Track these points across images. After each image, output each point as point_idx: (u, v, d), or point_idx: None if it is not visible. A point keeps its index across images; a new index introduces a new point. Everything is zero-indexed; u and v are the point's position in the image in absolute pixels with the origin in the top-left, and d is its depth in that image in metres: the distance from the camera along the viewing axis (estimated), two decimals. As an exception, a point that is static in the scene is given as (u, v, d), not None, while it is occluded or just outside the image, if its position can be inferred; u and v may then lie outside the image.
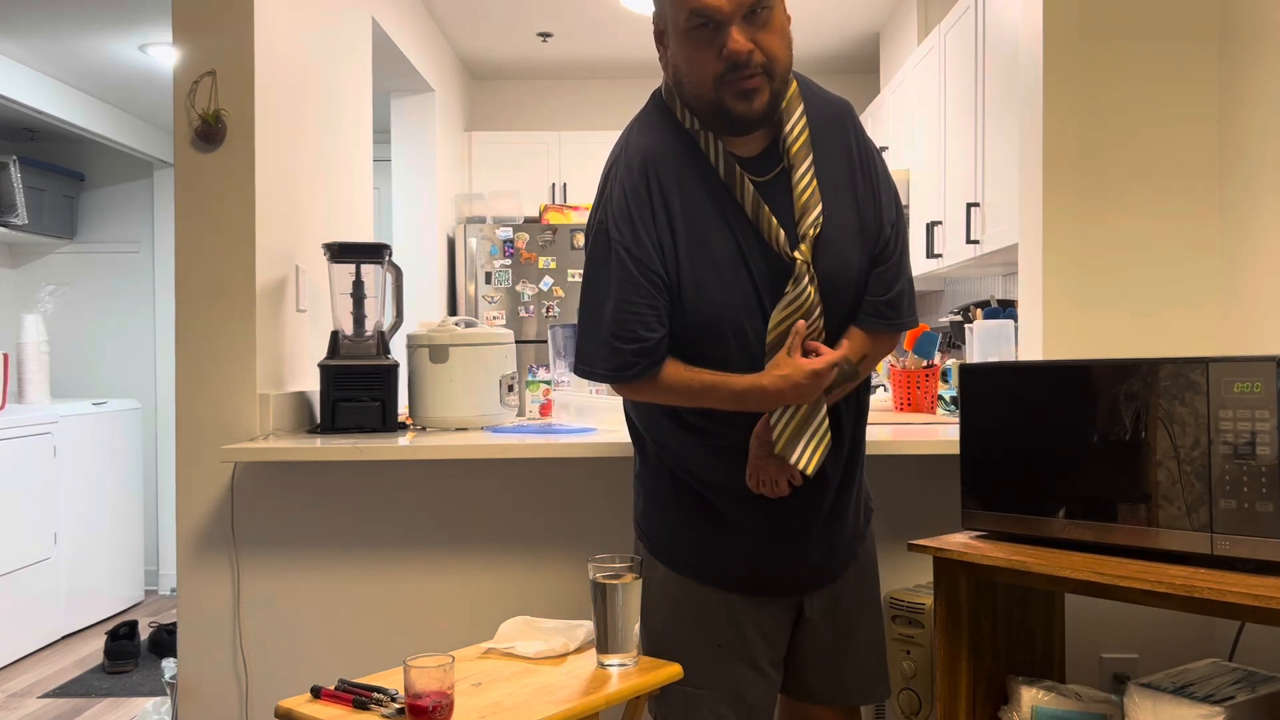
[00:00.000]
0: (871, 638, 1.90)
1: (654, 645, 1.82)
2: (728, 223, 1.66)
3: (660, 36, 1.69)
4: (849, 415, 1.78)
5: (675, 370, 1.66)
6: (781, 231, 1.64)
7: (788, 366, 1.61)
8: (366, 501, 2.43)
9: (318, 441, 2.31)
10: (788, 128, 1.68)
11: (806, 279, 1.63)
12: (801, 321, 1.63)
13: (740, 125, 1.64)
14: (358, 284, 2.54)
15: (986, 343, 2.88)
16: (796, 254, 1.63)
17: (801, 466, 1.66)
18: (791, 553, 1.78)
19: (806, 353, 1.64)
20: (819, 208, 1.65)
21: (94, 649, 4.51)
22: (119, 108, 5.18)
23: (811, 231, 1.64)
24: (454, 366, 2.48)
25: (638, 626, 1.80)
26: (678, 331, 1.67)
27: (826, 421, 1.68)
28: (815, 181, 1.67)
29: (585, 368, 1.72)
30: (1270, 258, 2.24)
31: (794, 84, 1.70)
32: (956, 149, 3.74)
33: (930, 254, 4.08)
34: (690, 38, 1.60)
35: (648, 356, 1.65)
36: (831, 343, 1.68)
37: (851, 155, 1.72)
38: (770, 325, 1.64)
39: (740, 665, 1.79)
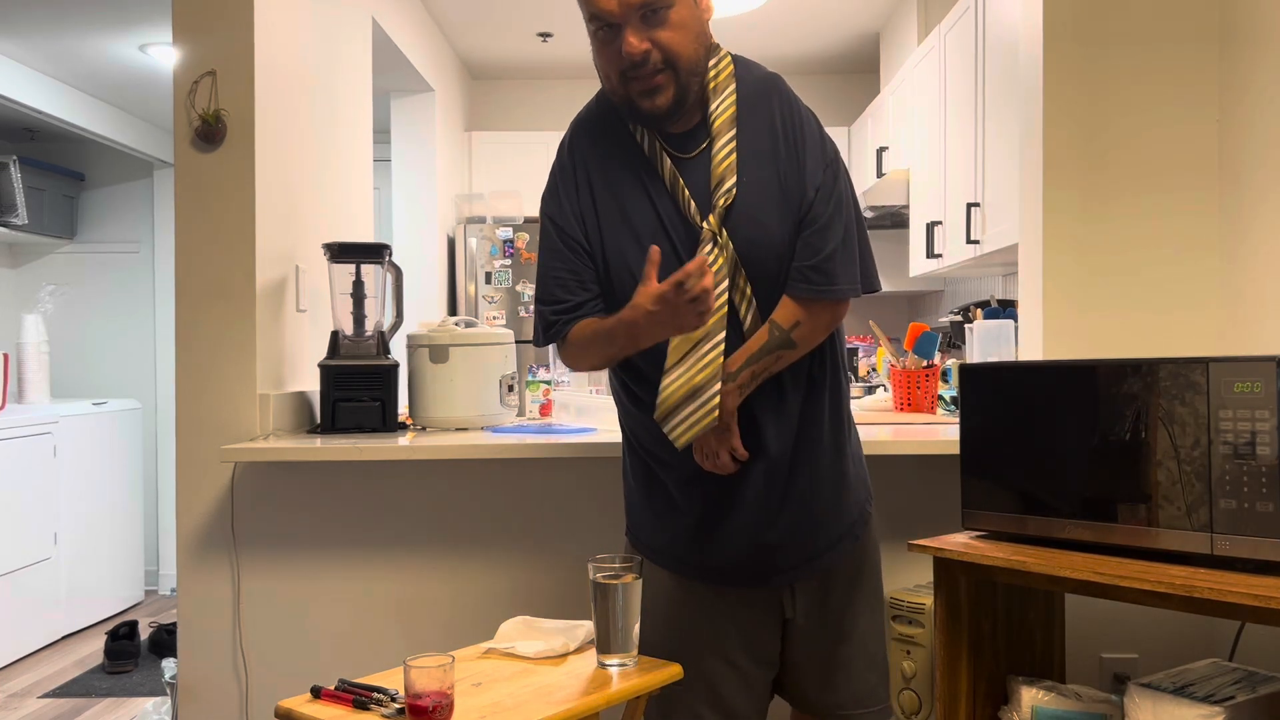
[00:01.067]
0: (867, 645, 1.86)
1: (641, 639, 1.80)
2: (649, 195, 1.72)
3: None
4: (795, 387, 1.73)
5: (580, 325, 1.73)
6: (693, 202, 1.69)
7: (638, 295, 1.61)
8: (366, 501, 2.43)
9: (318, 441, 2.31)
10: (713, 105, 1.73)
11: (712, 245, 1.65)
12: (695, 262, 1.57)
13: (649, 119, 1.71)
14: (358, 284, 2.54)
15: (986, 343, 2.88)
16: (704, 223, 1.67)
17: (673, 438, 1.66)
18: (744, 536, 1.74)
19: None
20: (733, 179, 1.68)
21: (94, 649, 4.51)
22: (119, 108, 5.18)
23: (722, 201, 1.67)
24: (454, 366, 2.48)
25: (638, 626, 1.80)
26: (607, 299, 1.74)
27: (716, 400, 1.65)
28: (734, 156, 1.70)
29: (533, 337, 1.83)
30: (1270, 257, 2.24)
31: (728, 64, 1.75)
32: (956, 149, 3.74)
33: (930, 254, 4.08)
34: (595, 38, 1.70)
35: (565, 314, 1.73)
36: (765, 314, 1.70)
37: (775, 124, 1.73)
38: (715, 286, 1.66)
39: (714, 659, 1.78)
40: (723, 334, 1.66)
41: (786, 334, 1.68)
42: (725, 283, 1.66)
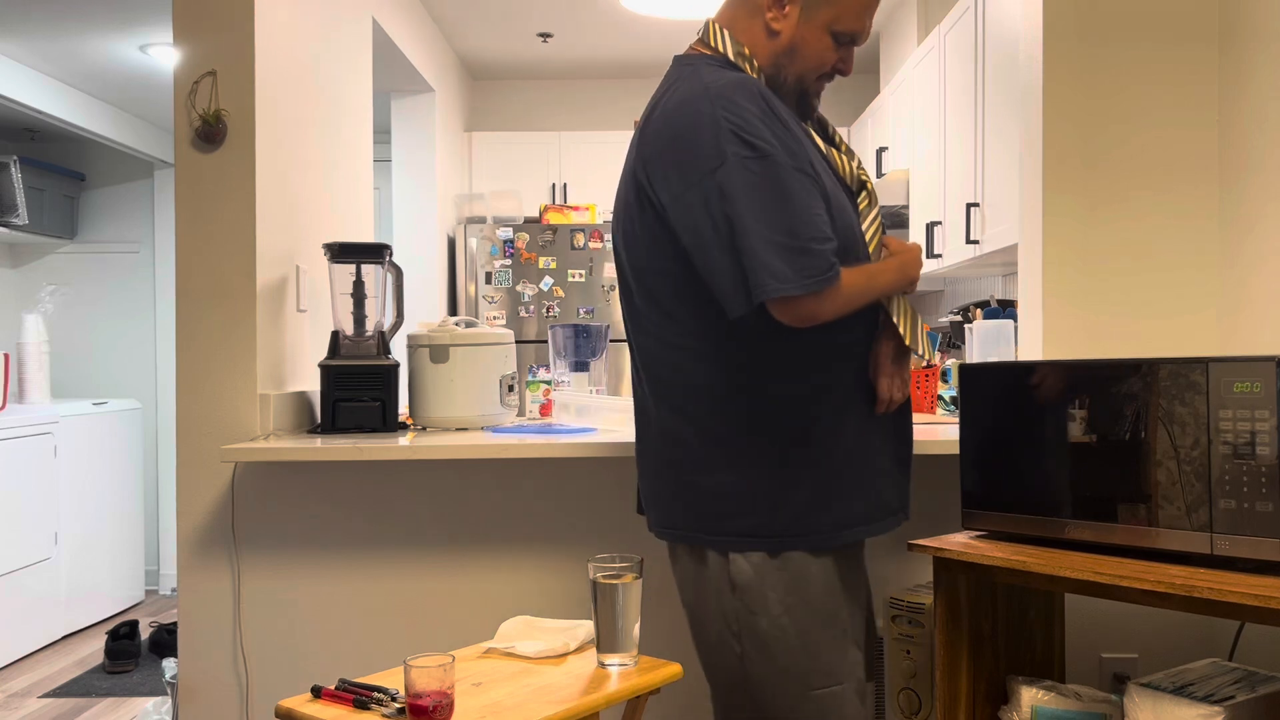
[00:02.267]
0: None
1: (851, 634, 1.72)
2: (822, 155, 1.75)
3: (783, 1, 1.72)
4: None
5: (844, 272, 1.62)
6: (850, 163, 1.78)
7: (909, 251, 1.73)
8: (366, 501, 2.43)
9: (318, 441, 2.31)
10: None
11: (870, 200, 1.78)
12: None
13: (805, 117, 1.80)
14: (358, 284, 2.54)
15: (986, 343, 2.88)
16: (864, 177, 1.79)
17: (925, 356, 1.77)
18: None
19: None
20: (857, 160, 1.82)
21: (94, 649, 4.51)
22: (119, 108, 5.18)
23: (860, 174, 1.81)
24: (454, 366, 2.49)
25: (638, 626, 1.80)
26: None
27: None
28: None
29: (776, 284, 1.56)
30: (1270, 257, 2.24)
31: None
32: (956, 149, 3.74)
33: (930, 254, 4.08)
34: (834, 37, 1.74)
35: (836, 255, 1.60)
36: None
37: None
38: (868, 239, 1.74)
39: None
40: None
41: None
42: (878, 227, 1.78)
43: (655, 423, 1.76)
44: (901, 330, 1.70)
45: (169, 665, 2.77)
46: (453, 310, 5.44)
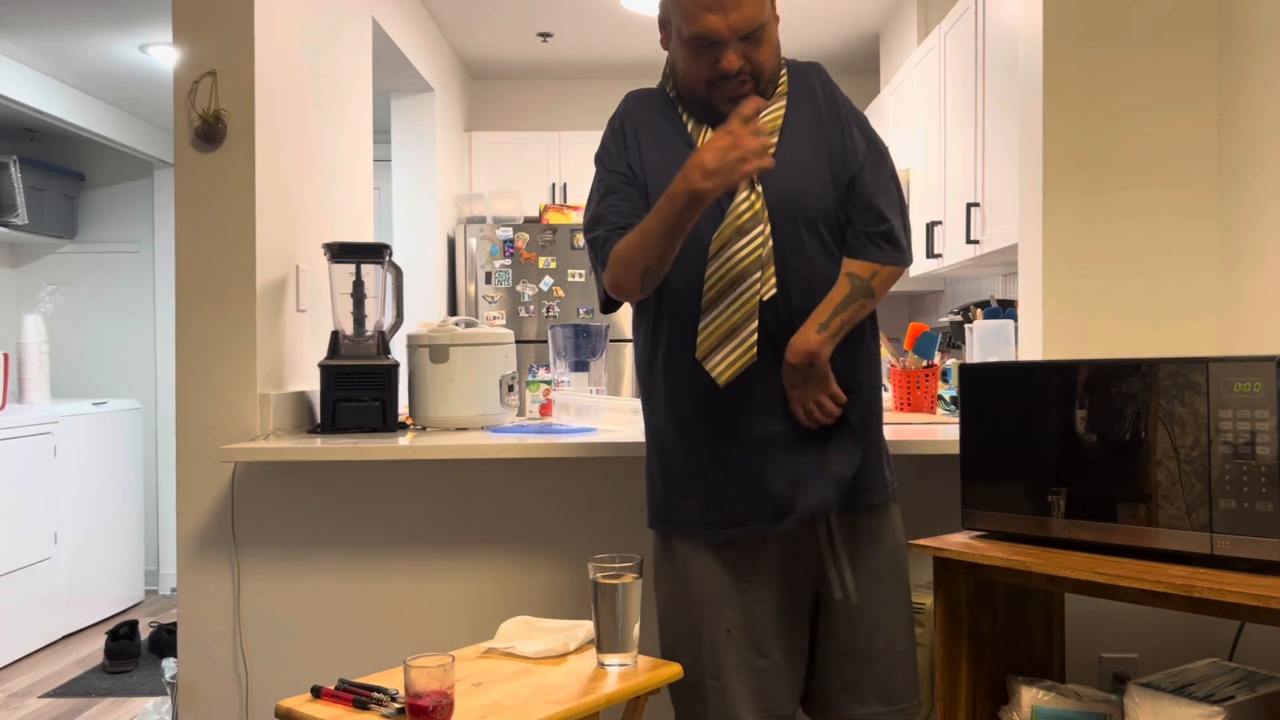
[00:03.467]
0: None
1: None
2: (689, 152, 1.75)
3: (664, 25, 1.83)
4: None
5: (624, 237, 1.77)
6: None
7: (691, 158, 1.64)
8: (366, 501, 2.43)
9: (318, 441, 2.31)
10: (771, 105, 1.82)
11: (749, 190, 1.73)
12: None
13: (718, 122, 1.77)
14: (358, 284, 2.54)
15: (986, 343, 2.88)
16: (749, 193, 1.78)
17: (715, 375, 1.73)
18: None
19: None
20: (775, 139, 1.77)
21: (94, 649, 4.51)
22: (119, 108, 5.18)
23: None
24: (454, 366, 2.49)
25: (637, 626, 1.80)
26: None
27: (755, 337, 1.73)
28: (781, 120, 1.81)
29: (599, 283, 1.85)
30: (1270, 257, 2.24)
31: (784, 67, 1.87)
32: (956, 149, 3.74)
33: (930, 254, 4.08)
34: (689, 45, 1.75)
35: (616, 231, 1.77)
36: (784, 263, 1.76)
37: (817, 95, 1.86)
38: (715, 234, 1.74)
39: None
40: (757, 274, 1.72)
41: (867, 283, 1.78)
42: (760, 228, 1.73)
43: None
44: (699, 340, 1.75)
45: (169, 665, 2.77)
46: (453, 310, 5.44)
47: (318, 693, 1.68)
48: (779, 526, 1.76)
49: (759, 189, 1.74)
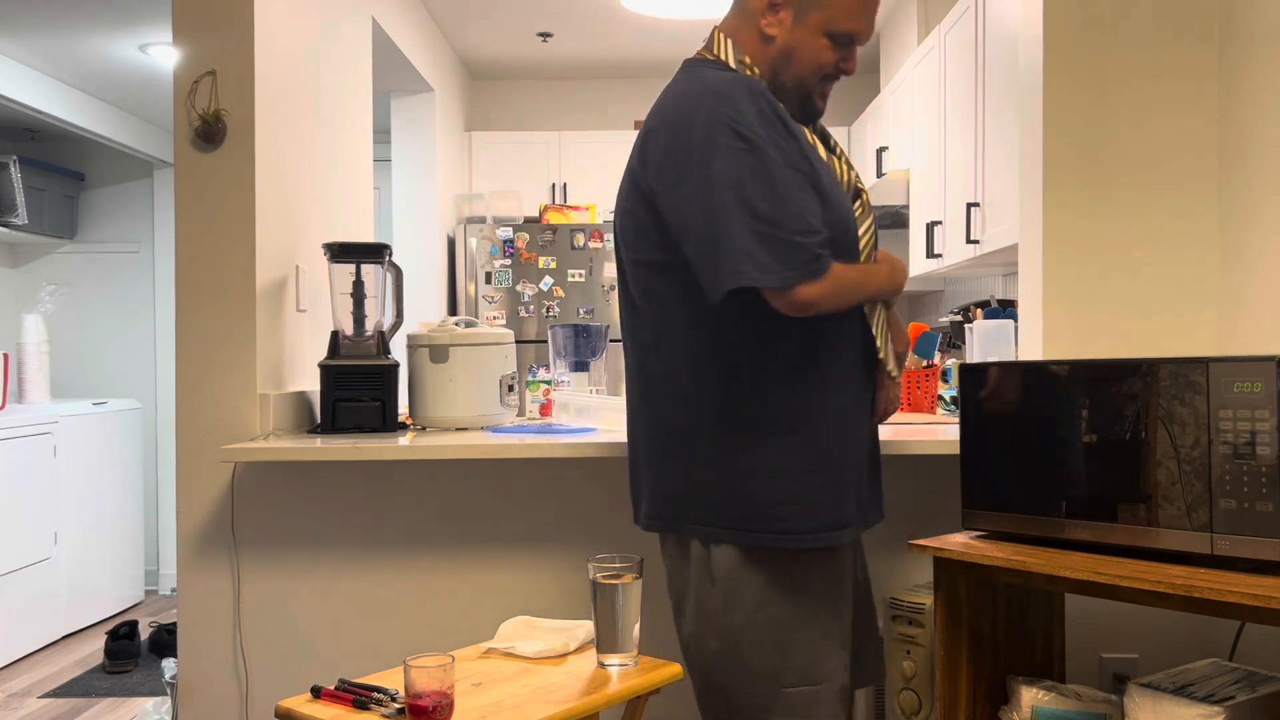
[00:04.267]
0: None
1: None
2: (822, 157, 1.78)
3: (780, 6, 1.73)
4: None
5: (837, 265, 1.66)
6: (850, 171, 1.84)
7: (895, 260, 1.80)
8: (366, 501, 2.43)
9: (318, 441, 2.31)
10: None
11: (866, 208, 1.82)
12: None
13: (812, 118, 1.81)
14: (358, 284, 2.54)
15: (986, 343, 2.88)
16: (860, 186, 1.83)
17: (893, 373, 1.83)
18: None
19: None
20: (855, 171, 1.88)
21: (94, 649, 4.51)
22: (119, 108, 5.18)
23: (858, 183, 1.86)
24: (454, 366, 2.49)
25: (637, 626, 1.80)
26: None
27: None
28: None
29: (757, 273, 1.59)
30: (1270, 257, 2.24)
31: None
32: (956, 149, 3.74)
33: (930, 254, 4.08)
34: (831, 38, 1.74)
35: (824, 247, 1.63)
36: None
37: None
38: (861, 245, 1.78)
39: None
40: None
41: None
42: (869, 221, 1.83)
43: (647, 413, 1.79)
44: (878, 344, 1.79)
45: (169, 665, 2.77)
46: (452, 310, 5.44)
47: (318, 693, 1.68)
48: (877, 518, 1.86)
49: (869, 205, 1.83)
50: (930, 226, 4.05)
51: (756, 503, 1.68)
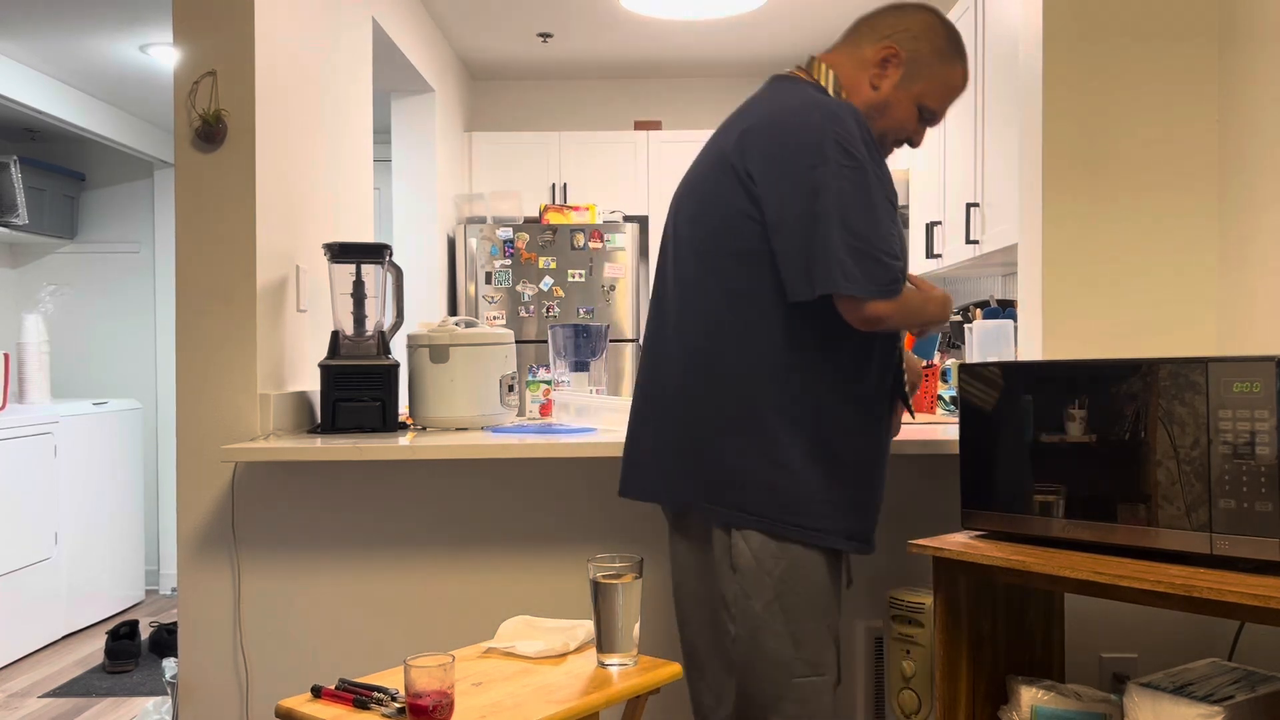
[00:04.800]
0: None
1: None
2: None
3: (894, 62, 1.86)
4: None
5: (907, 291, 1.81)
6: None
7: (945, 292, 1.92)
8: (366, 501, 2.43)
9: (318, 441, 2.31)
10: None
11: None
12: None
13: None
14: (358, 284, 2.54)
15: (986, 343, 2.88)
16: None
17: (907, 399, 1.97)
18: None
19: None
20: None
21: (94, 649, 4.51)
22: (119, 108, 5.18)
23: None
24: (454, 366, 2.49)
25: (637, 626, 1.80)
26: None
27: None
28: None
29: (845, 281, 1.69)
30: (1270, 257, 2.24)
31: None
32: (956, 149, 3.74)
33: (930, 254, 4.08)
34: (920, 110, 1.90)
35: (903, 275, 1.77)
36: None
37: None
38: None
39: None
40: None
41: None
42: None
43: (682, 393, 1.83)
44: (907, 364, 1.96)
45: (169, 665, 2.77)
46: (453, 310, 5.44)
47: (318, 693, 1.68)
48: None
49: None
50: (930, 226, 4.05)
51: (793, 497, 1.75)
